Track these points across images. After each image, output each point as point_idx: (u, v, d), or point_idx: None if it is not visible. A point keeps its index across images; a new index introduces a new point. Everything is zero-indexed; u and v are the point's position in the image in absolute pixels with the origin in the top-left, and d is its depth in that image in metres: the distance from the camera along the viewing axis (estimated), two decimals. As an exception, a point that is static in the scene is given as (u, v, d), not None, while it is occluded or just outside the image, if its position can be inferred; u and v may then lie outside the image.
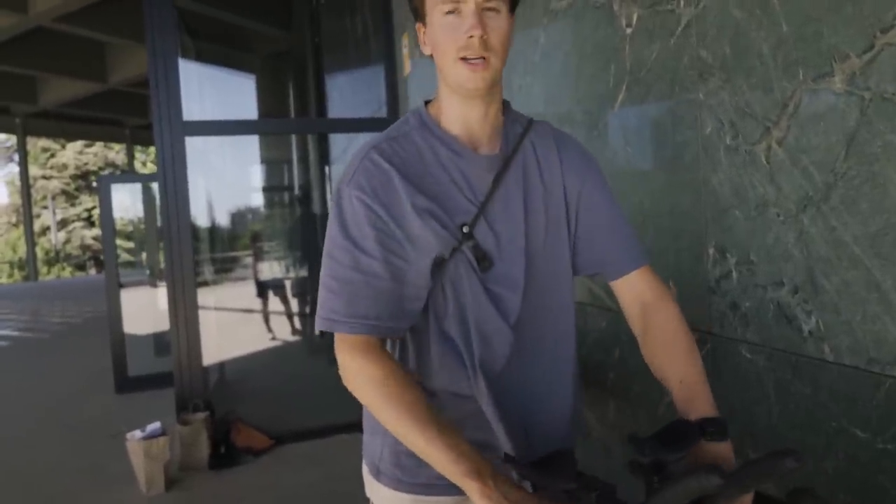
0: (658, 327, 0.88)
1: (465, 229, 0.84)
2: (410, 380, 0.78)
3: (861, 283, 0.92)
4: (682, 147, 1.32)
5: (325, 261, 0.83)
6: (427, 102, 0.92)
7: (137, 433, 2.98)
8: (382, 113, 3.95)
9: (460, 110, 0.86)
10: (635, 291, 0.92)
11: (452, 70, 0.82)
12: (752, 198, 1.12)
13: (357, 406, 1.02)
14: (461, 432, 0.74)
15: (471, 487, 0.69)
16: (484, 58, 0.80)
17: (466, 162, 0.86)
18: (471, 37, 0.79)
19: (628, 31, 1.47)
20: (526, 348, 0.88)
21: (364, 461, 1.00)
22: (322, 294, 0.82)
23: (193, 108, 5.52)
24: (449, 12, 0.80)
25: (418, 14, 0.86)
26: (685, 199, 1.32)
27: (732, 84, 1.15)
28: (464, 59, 0.80)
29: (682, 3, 1.27)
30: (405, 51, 3.65)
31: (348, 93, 5.52)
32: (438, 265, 0.84)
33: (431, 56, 0.86)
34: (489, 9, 0.80)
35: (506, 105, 0.91)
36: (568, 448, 0.68)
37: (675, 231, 1.37)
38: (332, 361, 0.81)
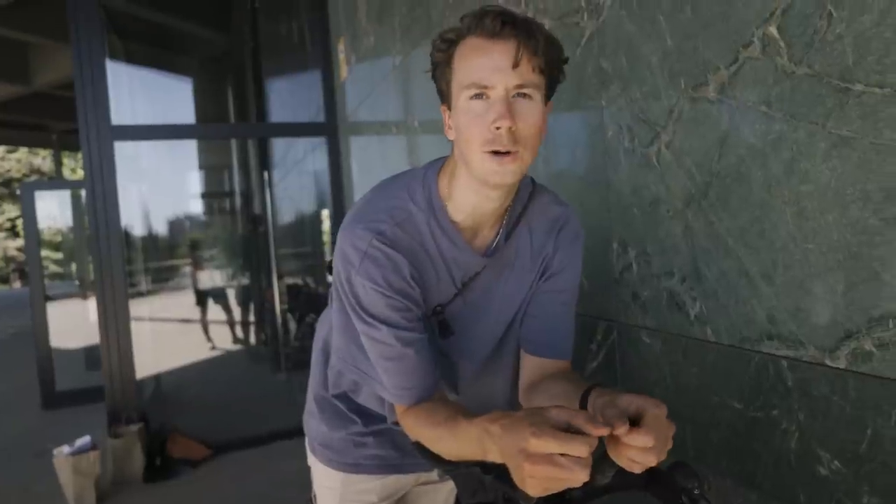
0: (551, 382, 0.91)
1: (438, 308, 0.88)
2: (450, 423, 0.74)
3: (734, 271, 1.03)
4: (590, 150, 1.41)
5: (370, 345, 0.85)
6: (439, 160, 0.89)
7: (66, 448, 2.88)
8: (321, 117, 3.95)
9: (474, 201, 0.83)
10: (542, 372, 0.94)
11: (478, 162, 0.75)
12: (646, 196, 1.22)
13: (297, 413, 1.12)
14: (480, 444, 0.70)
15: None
16: (512, 151, 0.73)
17: (462, 253, 0.87)
18: (498, 128, 0.72)
19: (541, 41, 1.56)
20: (468, 401, 0.93)
21: (306, 435, 1.12)
22: (383, 377, 0.86)
23: (125, 113, 5.34)
24: (475, 96, 0.73)
25: (444, 96, 0.80)
26: (594, 199, 1.41)
27: (628, 92, 1.25)
28: (490, 151, 0.74)
29: (585, 16, 1.37)
30: (342, 55, 3.67)
31: (287, 97, 5.47)
32: None
33: (453, 142, 0.81)
34: (521, 94, 0.73)
35: None
36: None
37: (587, 228, 1.46)
38: (275, 369, 0.87)
